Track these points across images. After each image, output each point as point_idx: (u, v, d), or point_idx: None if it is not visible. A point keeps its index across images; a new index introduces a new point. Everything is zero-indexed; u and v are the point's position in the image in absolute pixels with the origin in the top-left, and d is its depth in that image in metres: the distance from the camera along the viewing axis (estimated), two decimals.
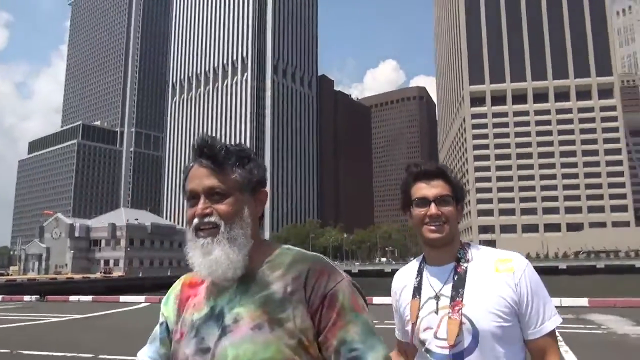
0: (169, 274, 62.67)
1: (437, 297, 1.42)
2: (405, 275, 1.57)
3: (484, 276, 1.40)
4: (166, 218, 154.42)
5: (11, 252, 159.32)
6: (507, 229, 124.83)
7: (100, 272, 67.54)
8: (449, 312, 1.38)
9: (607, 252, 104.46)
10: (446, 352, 1.35)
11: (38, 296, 23.88)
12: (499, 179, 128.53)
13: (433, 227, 1.44)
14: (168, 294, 1.21)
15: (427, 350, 1.40)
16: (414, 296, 1.48)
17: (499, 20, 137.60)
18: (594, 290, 30.62)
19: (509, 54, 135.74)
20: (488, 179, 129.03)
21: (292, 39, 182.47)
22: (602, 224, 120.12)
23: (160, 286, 48.38)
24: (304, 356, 1.00)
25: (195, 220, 1.08)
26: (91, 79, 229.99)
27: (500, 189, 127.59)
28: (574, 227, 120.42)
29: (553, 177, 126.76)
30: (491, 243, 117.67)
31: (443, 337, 1.36)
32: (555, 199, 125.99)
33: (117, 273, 67.33)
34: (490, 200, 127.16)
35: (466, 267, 1.44)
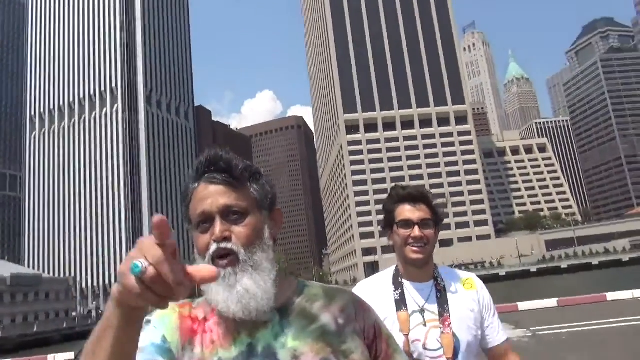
0: (35, 329, 55.76)
1: (422, 311, 1.54)
2: (376, 288, 1.63)
3: (457, 294, 1.59)
4: (28, 266, 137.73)
5: None
6: (388, 249, 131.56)
7: None
8: (440, 327, 1.51)
9: (475, 263, 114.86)
10: None
11: None
12: (377, 202, 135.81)
13: (416, 248, 1.57)
14: (165, 316, 0.99)
15: None
16: (399, 308, 1.55)
17: (366, 55, 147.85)
18: None
19: (377, 86, 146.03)
20: (367, 203, 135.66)
21: (165, 69, 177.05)
22: (469, 238, 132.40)
23: (29, 345, 42.90)
24: None
25: (213, 247, 0.93)
26: None
27: (379, 212, 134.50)
28: (446, 243, 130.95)
29: None
30: (374, 264, 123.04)
31: (432, 349, 1.49)
32: None
33: None
34: (370, 223, 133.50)
35: (444, 286, 1.60)
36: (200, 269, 0.68)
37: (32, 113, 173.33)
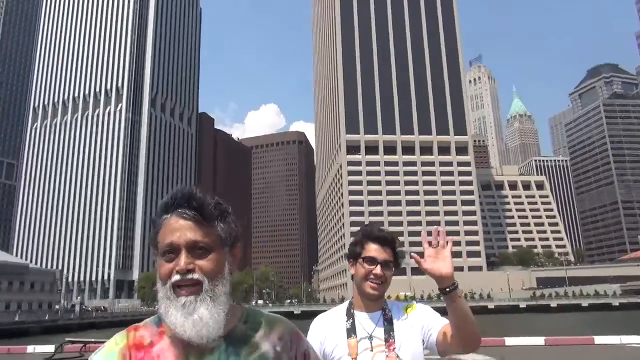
0: (16, 318, 55.00)
1: (370, 338, 1.81)
2: (330, 320, 1.91)
3: (401, 319, 1.87)
4: (17, 255, 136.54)
5: None
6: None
7: None
8: (385, 351, 1.78)
9: (465, 294, 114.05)
10: None
11: None
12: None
13: (374, 285, 1.84)
14: (107, 356, 1.08)
15: None
16: (349, 336, 1.82)
17: (373, 78, 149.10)
18: None
19: (381, 109, 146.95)
20: (362, 224, 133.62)
21: (173, 73, 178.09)
22: (460, 268, 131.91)
23: (7, 333, 42.15)
24: None
25: (176, 277, 1.04)
26: None
27: None
28: None
29: (418, 223, 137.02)
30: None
31: None
32: (420, 244, 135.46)
33: None
34: None
35: (390, 315, 1.87)
36: None
37: (36, 104, 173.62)
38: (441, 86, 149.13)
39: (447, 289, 1.76)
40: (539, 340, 14.37)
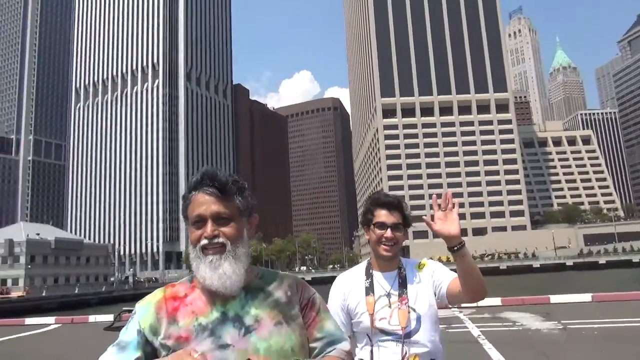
0: (76, 291, 58.39)
1: (388, 295, 2.04)
2: (351, 279, 2.14)
3: (414, 277, 2.08)
4: (71, 232, 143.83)
5: None
6: (419, 234, 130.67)
7: None
8: (398, 305, 2.01)
9: (508, 253, 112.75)
10: (399, 333, 1.97)
11: None
12: (411, 187, 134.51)
13: (386, 247, 2.06)
14: (147, 306, 1.35)
15: (383, 335, 1.99)
16: (368, 294, 2.05)
17: (407, 38, 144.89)
18: (501, 290, 32.89)
19: (417, 70, 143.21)
20: (400, 187, 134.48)
21: (206, 46, 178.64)
22: (503, 228, 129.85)
23: (69, 305, 44.87)
24: (306, 343, 1.37)
25: (204, 241, 1.31)
26: None
27: (411, 197, 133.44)
28: (479, 232, 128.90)
29: (459, 185, 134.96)
30: (404, 249, 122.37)
31: (395, 324, 1.98)
32: (461, 205, 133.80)
33: (16, 293, 61.38)
34: None
35: (405, 273, 2.09)
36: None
37: (77, 85, 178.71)
38: (479, 42, 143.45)
39: (455, 248, 1.91)
40: (586, 297, 14.10)
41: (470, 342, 8.26)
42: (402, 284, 2.05)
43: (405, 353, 1.97)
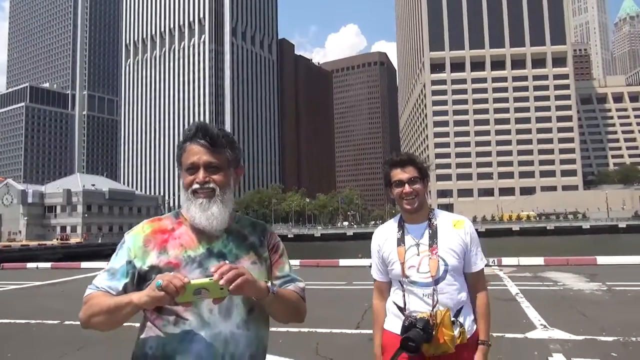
0: None
1: (417, 245, 2.17)
2: (386, 231, 2.30)
3: (447, 231, 2.18)
4: (123, 183, 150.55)
5: None
6: (464, 193, 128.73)
7: (57, 239, 65.55)
8: (428, 254, 2.13)
9: (557, 214, 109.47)
10: (428, 280, 2.11)
11: None
12: (457, 144, 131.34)
13: (407, 201, 2.18)
14: (136, 237, 1.52)
15: (412, 282, 2.14)
16: (399, 244, 2.21)
17: None
18: (546, 250, 32.14)
19: (468, 22, 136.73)
20: (447, 145, 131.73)
21: (251, 1, 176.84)
22: (553, 188, 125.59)
23: None
24: (271, 280, 1.60)
25: (196, 186, 1.49)
26: (37, 37, 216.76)
27: (458, 155, 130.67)
28: (527, 191, 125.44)
29: (508, 142, 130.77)
30: (449, 207, 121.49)
31: (424, 272, 2.12)
32: (510, 164, 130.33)
33: (74, 239, 65.55)
34: (448, 165, 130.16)
35: (436, 225, 2.19)
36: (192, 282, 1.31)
37: (127, 41, 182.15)
38: None
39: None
40: (636, 259, 13.52)
41: (507, 299, 8.16)
42: (433, 235, 2.16)
43: (436, 302, 2.08)
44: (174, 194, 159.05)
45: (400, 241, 2.21)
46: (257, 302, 1.49)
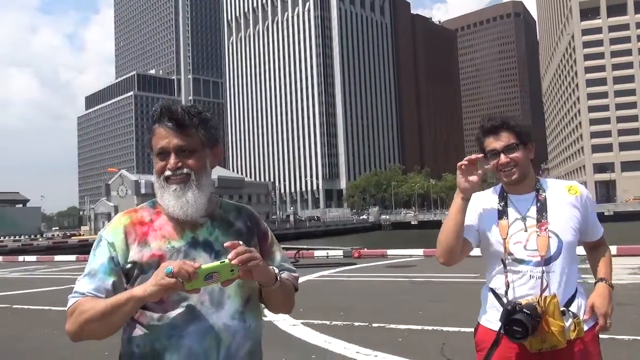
0: None
1: (524, 219, 2.05)
2: (482, 200, 2.19)
3: (560, 201, 2.07)
4: (233, 170, 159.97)
5: (80, 212, 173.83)
6: (630, 166, 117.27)
7: None
8: (536, 231, 2.01)
9: None
10: (537, 259, 1.98)
11: None
12: (619, 106, 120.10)
13: (506, 172, 2.06)
14: (115, 232, 1.54)
15: (518, 260, 2.02)
16: (500, 217, 2.09)
17: None
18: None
19: None
20: (605, 108, 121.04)
21: None
22: None
23: None
24: None
25: (168, 172, 1.51)
26: (141, 24, 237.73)
27: (620, 119, 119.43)
28: None
29: None
30: (609, 183, 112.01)
31: (532, 249, 2.00)
32: None
33: None
34: (608, 133, 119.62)
35: (545, 196, 2.08)
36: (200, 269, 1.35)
37: (229, 17, 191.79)
38: None
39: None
40: None
41: None
42: (541, 208, 2.05)
43: (545, 286, 1.96)
44: (284, 180, 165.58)
45: (503, 214, 2.09)
46: (254, 291, 1.56)
